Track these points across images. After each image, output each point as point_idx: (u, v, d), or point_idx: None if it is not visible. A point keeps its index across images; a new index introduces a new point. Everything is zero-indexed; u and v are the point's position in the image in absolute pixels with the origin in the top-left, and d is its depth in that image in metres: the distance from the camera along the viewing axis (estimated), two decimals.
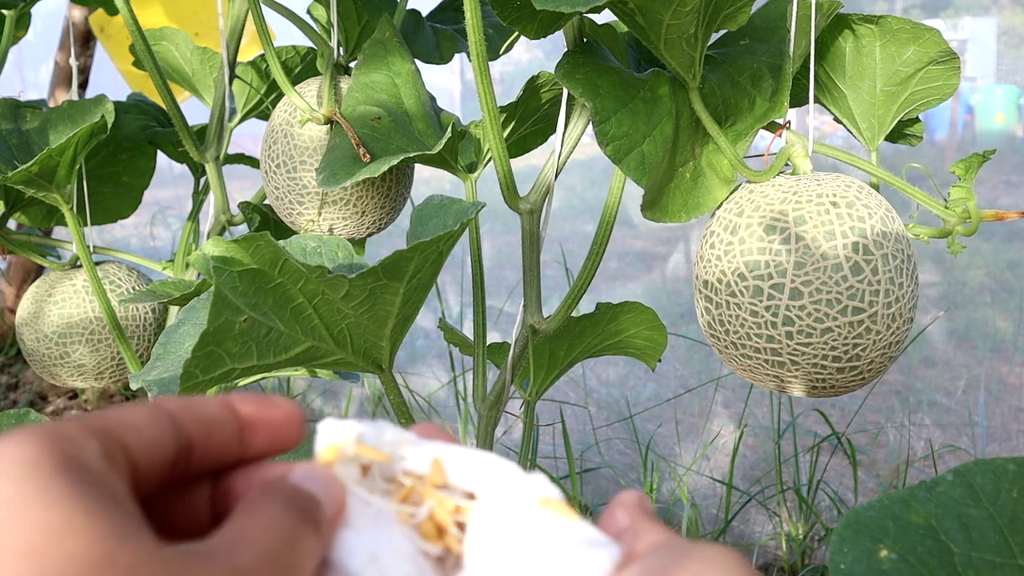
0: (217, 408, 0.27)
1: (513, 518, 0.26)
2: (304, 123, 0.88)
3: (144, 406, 0.25)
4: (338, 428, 0.28)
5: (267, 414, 0.27)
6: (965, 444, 1.71)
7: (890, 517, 0.33)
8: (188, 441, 0.26)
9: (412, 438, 0.29)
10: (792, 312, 0.62)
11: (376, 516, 0.27)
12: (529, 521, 0.26)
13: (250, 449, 0.27)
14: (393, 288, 0.52)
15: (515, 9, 0.64)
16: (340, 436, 0.28)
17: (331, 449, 0.27)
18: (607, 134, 0.62)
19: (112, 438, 0.23)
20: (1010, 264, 2.26)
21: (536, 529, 0.26)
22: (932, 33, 0.69)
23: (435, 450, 0.28)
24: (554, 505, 0.26)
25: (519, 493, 0.27)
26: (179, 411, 0.26)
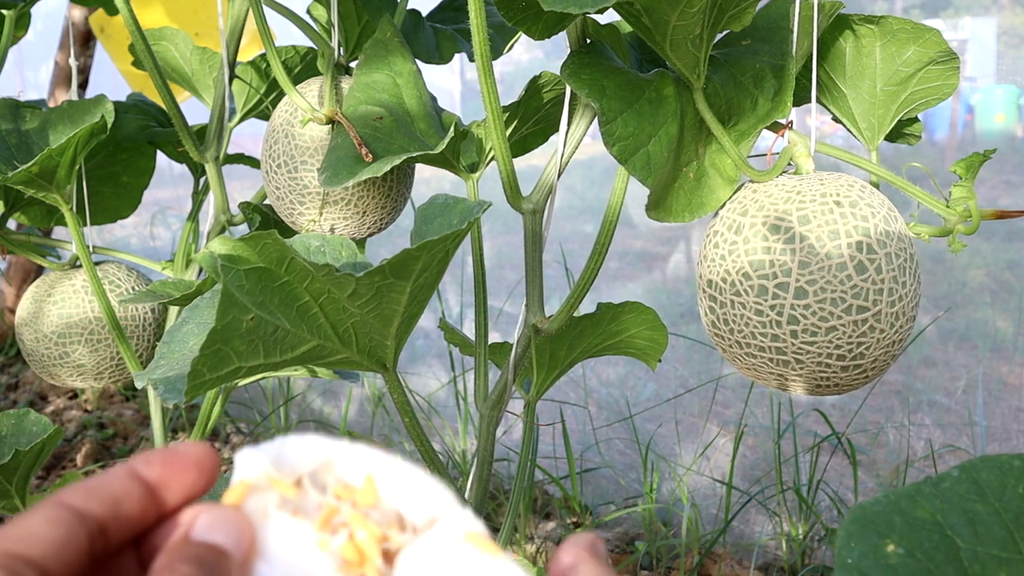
0: (120, 482, 0.27)
1: (436, 549, 0.26)
2: (306, 123, 0.88)
3: (43, 508, 0.25)
4: (252, 459, 0.28)
5: (174, 469, 0.28)
6: (965, 444, 1.71)
7: (896, 512, 0.33)
8: (98, 525, 0.26)
9: (345, 446, 0.29)
10: (797, 311, 0.62)
11: (294, 543, 0.27)
12: (452, 553, 0.26)
13: (167, 505, 0.27)
14: (400, 287, 0.53)
15: (520, 10, 0.64)
16: (253, 469, 0.27)
17: (241, 485, 0.27)
18: (613, 134, 0.62)
19: (15, 558, 0.23)
20: (1010, 264, 2.26)
21: (457, 562, 0.26)
22: (932, 33, 0.69)
23: (369, 461, 0.28)
24: (478, 540, 0.27)
25: (446, 523, 0.27)
26: (81, 501, 0.26)
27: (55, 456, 1.72)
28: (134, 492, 0.27)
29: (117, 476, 0.27)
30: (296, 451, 0.28)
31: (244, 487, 0.27)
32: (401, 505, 0.28)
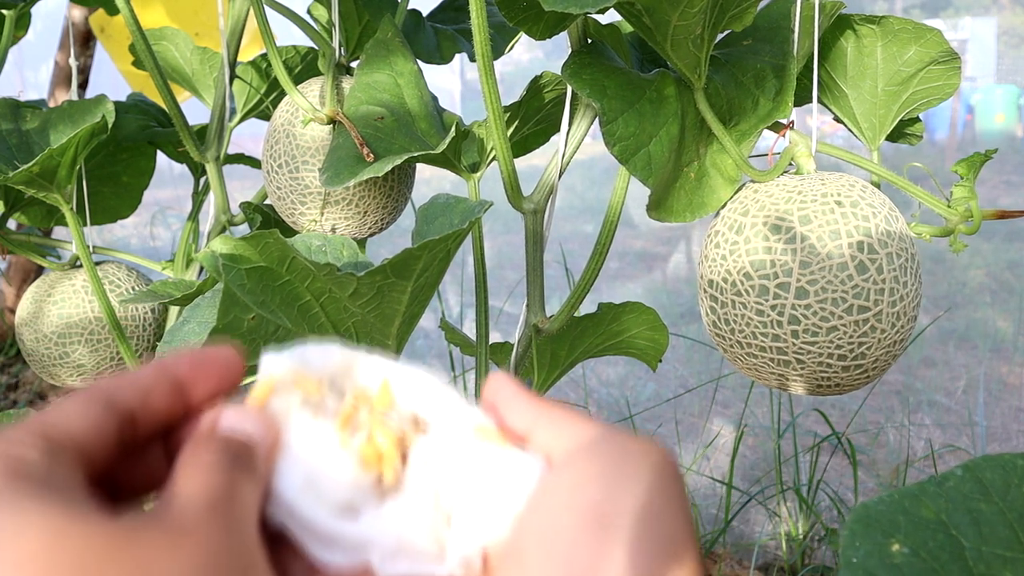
0: (152, 376, 0.28)
1: (450, 444, 0.28)
2: (307, 123, 0.88)
3: (79, 394, 0.26)
4: (277, 360, 0.29)
5: (202, 369, 0.28)
6: (965, 444, 1.71)
7: (900, 512, 0.33)
8: (128, 414, 0.27)
9: (362, 355, 0.30)
10: (798, 311, 0.62)
11: (317, 440, 0.28)
12: (464, 447, 0.28)
13: (194, 402, 0.28)
14: (401, 286, 0.53)
15: (521, 10, 0.64)
16: (278, 367, 0.29)
17: (266, 383, 0.28)
18: (614, 134, 0.62)
19: (52, 436, 0.24)
20: (1010, 264, 2.26)
21: (470, 454, 0.27)
22: (933, 33, 0.69)
23: (385, 368, 0.30)
24: (488, 432, 0.28)
25: (458, 421, 0.28)
26: (113, 389, 0.27)
27: None
28: (163, 386, 0.28)
29: (147, 371, 0.28)
30: (317, 357, 0.29)
31: (269, 385, 0.28)
32: (416, 408, 0.29)
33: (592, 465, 0.26)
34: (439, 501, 0.27)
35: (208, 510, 0.24)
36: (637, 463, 0.26)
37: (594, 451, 0.26)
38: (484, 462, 0.27)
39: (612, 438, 0.27)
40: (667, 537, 0.24)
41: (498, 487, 0.27)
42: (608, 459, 0.26)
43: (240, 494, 0.25)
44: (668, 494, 0.25)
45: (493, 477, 0.27)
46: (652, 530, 0.24)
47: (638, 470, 0.25)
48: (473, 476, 0.27)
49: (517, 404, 0.29)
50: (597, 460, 0.26)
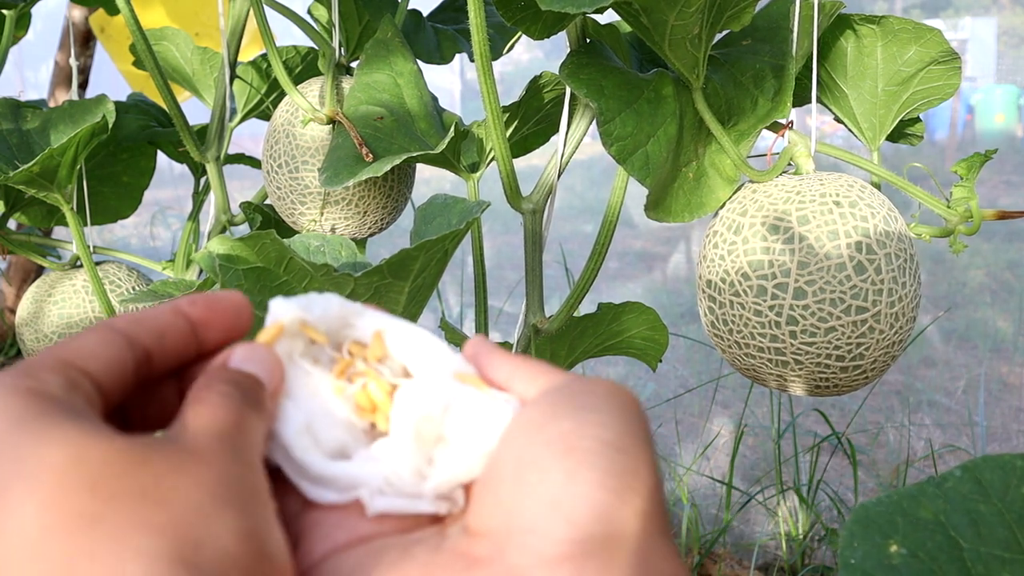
0: (168, 316, 0.29)
1: (432, 388, 0.29)
2: (306, 123, 0.88)
3: (97, 329, 0.28)
4: (285, 306, 0.30)
5: (215, 311, 0.30)
6: (965, 444, 1.71)
7: (899, 512, 0.33)
8: (144, 351, 0.28)
9: (360, 308, 0.32)
10: (796, 312, 0.62)
11: (315, 387, 0.30)
12: (445, 390, 0.29)
13: (206, 344, 0.30)
14: (398, 287, 0.52)
15: (519, 9, 0.64)
16: (286, 313, 0.30)
17: (275, 327, 0.30)
18: (611, 134, 0.62)
19: (71, 366, 0.26)
20: (1010, 264, 2.26)
21: (450, 397, 0.29)
22: (933, 33, 0.69)
23: (379, 321, 0.31)
24: (468, 378, 0.30)
25: (441, 367, 0.30)
26: (130, 327, 0.28)
27: None
28: (178, 326, 0.29)
29: (163, 310, 0.29)
30: (320, 307, 0.31)
31: (278, 328, 0.30)
32: (407, 359, 0.31)
33: (561, 401, 0.27)
34: (421, 441, 0.29)
35: (217, 438, 0.25)
36: (603, 398, 0.27)
37: (563, 390, 0.28)
38: (463, 404, 0.29)
39: (580, 380, 0.29)
40: (630, 469, 0.25)
41: (475, 426, 0.28)
42: (576, 396, 0.27)
43: (247, 426, 0.26)
44: (632, 429, 0.27)
45: (471, 417, 0.29)
46: (616, 461, 0.25)
47: (603, 403, 0.27)
48: (453, 417, 0.29)
49: (497, 359, 0.31)
50: (566, 396, 0.27)
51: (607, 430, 0.26)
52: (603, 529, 0.24)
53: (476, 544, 0.26)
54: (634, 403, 0.28)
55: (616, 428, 0.26)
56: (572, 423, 0.26)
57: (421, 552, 0.26)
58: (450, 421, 0.29)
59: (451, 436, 0.29)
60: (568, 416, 0.26)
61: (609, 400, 0.27)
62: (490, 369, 0.30)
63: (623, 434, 0.26)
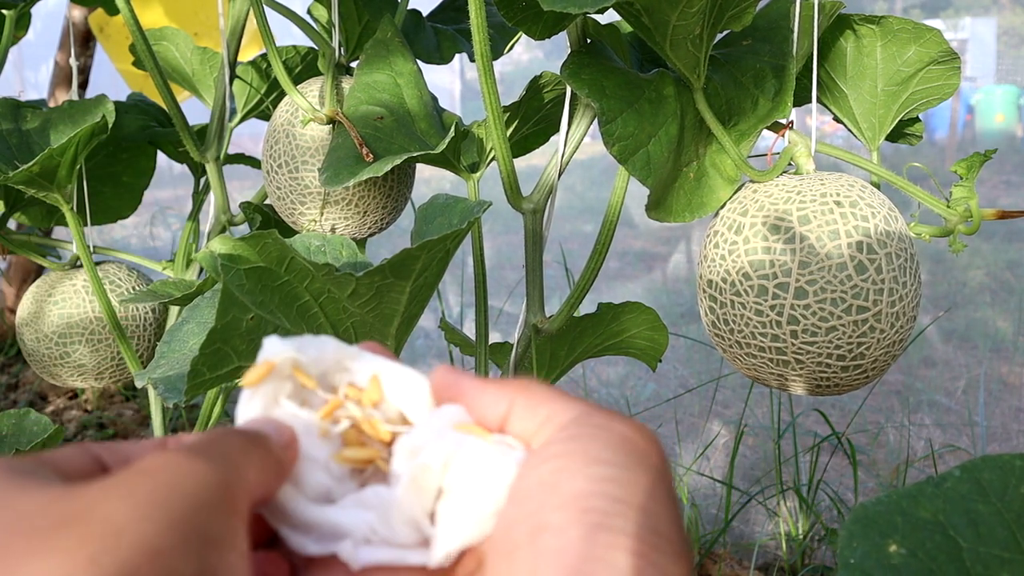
0: None
1: (432, 439, 0.28)
2: (306, 123, 0.88)
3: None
4: (278, 346, 0.30)
5: None
6: (965, 444, 1.71)
7: (898, 512, 0.33)
8: None
9: (355, 351, 0.31)
10: (797, 311, 0.62)
11: (300, 429, 0.29)
12: (446, 440, 0.28)
13: None
14: (399, 287, 0.53)
15: (520, 10, 0.64)
16: (278, 353, 0.29)
17: (264, 366, 0.29)
18: (613, 134, 0.62)
19: None
20: (1010, 264, 2.26)
21: (451, 448, 0.28)
22: (933, 33, 0.69)
23: (375, 365, 0.30)
24: (469, 428, 0.29)
25: (440, 416, 0.29)
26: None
27: None
28: None
29: None
30: (313, 349, 0.30)
31: (268, 367, 0.29)
32: (404, 405, 0.30)
33: (572, 453, 0.25)
34: (420, 492, 0.28)
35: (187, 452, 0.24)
36: (616, 449, 0.25)
37: (573, 434, 0.26)
38: (465, 456, 0.28)
39: (590, 421, 0.26)
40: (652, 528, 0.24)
41: (480, 480, 0.27)
42: (588, 446, 0.25)
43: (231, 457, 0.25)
44: (650, 483, 0.25)
45: (475, 470, 0.27)
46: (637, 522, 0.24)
47: (617, 456, 0.25)
48: (455, 470, 0.28)
49: (490, 392, 0.29)
50: (578, 448, 0.25)
51: (623, 488, 0.24)
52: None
53: None
54: (650, 449, 0.26)
55: (633, 484, 0.24)
56: (585, 482, 0.24)
57: None
58: (452, 475, 0.28)
59: (454, 491, 0.27)
60: (581, 473, 0.25)
61: (622, 450, 0.25)
62: (483, 403, 0.28)
63: (641, 491, 0.24)
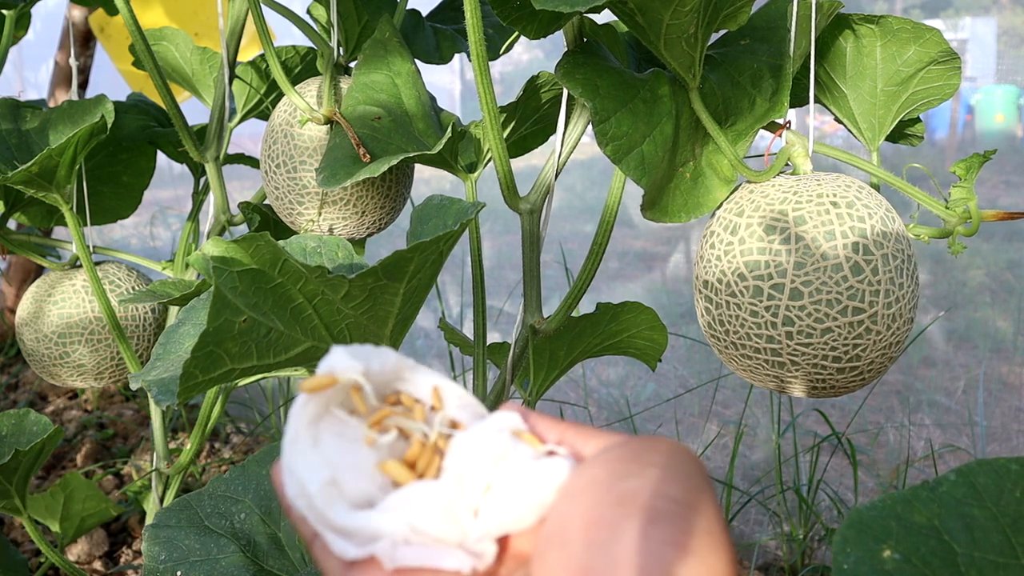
0: None
1: (485, 442, 0.29)
2: (304, 123, 0.88)
3: None
4: (345, 362, 0.30)
5: None
6: (965, 444, 1.71)
7: (893, 517, 0.33)
8: None
9: (413, 364, 0.32)
10: (792, 312, 0.62)
11: (347, 436, 0.30)
12: (500, 444, 0.29)
13: None
14: (393, 288, 0.52)
15: (515, 9, 0.63)
16: (343, 367, 0.30)
17: (328, 378, 0.30)
18: (607, 134, 0.62)
19: None
20: (1010, 264, 2.26)
21: (503, 451, 0.29)
22: (933, 33, 0.69)
23: (434, 378, 0.32)
24: (522, 435, 0.30)
25: (496, 423, 0.30)
26: None
27: (55, 456, 1.72)
28: None
29: None
30: (377, 362, 0.31)
31: (331, 381, 0.30)
32: (459, 415, 0.31)
33: (623, 458, 0.27)
34: (466, 487, 0.28)
35: None
36: (665, 455, 0.27)
37: (623, 448, 0.28)
38: (517, 456, 0.29)
39: (638, 438, 0.28)
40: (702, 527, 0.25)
41: (529, 478, 0.28)
42: (639, 453, 0.27)
43: None
44: (699, 486, 0.26)
45: (525, 469, 0.28)
46: (688, 520, 0.25)
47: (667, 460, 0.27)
48: (505, 468, 0.29)
49: (544, 421, 0.30)
50: (629, 454, 0.27)
51: (675, 488, 0.26)
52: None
53: None
54: (696, 460, 0.27)
55: (684, 486, 0.26)
56: (639, 481, 0.26)
57: None
58: (501, 472, 0.28)
59: (502, 486, 0.28)
60: (635, 474, 0.26)
61: (672, 457, 0.27)
62: (539, 427, 0.30)
63: (692, 492, 0.26)
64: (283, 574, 0.77)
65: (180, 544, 0.77)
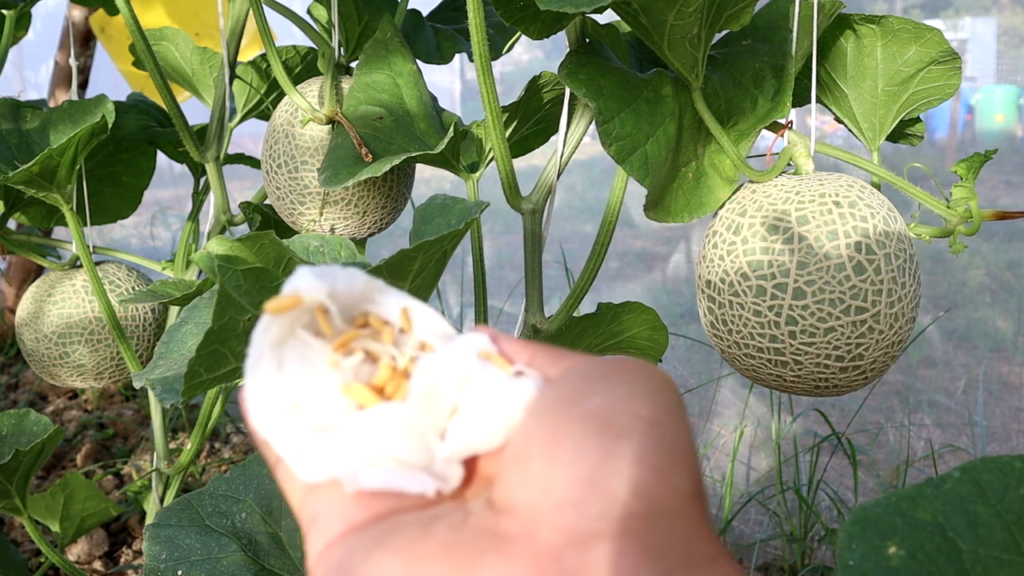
0: None
1: (451, 362, 0.28)
2: (306, 123, 0.88)
3: None
4: (309, 280, 0.29)
5: None
6: (965, 444, 1.71)
7: (897, 514, 0.33)
8: None
9: (382, 285, 0.31)
10: (795, 312, 0.62)
11: (310, 359, 0.29)
12: (468, 366, 0.28)
13: None
14: (397, 287, 0.52)
15: (518, 9, 0.64)
16: (309, 287, 0.29)
17: (292, 298, 0.29)
18: (611, 134, 0.62)
19: None
20: (1010, 264, 2.26)
21: (473, 372, 0.28)
22: (933, 33, 0.69)
23: (403, 300, 0.31)
24: (491, 357, 0.29)
25: (463, 345, 0.29)
26: None
27: (55, 456, 1.72)
28: None
29: None
30: (344, 282, 0.30)
31: (295, 301, 0.29)
32: (428, 337, 0.30)
33: (591, 376, 0.26)
34: (432, 409, 0.28)
35: None
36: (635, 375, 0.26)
37: (592, 367, 0.27)
38: (483, 377, 0.28)
39: (609, 359, 0.27)
40: (668, 445, 0.24)
41: (495, 398, 0.27)
42: (608, 372, 0.26)
43: None
44: (668, 404, 0.26)
45: (491, 390, 0.27)
46: (654, 438, 0.24)
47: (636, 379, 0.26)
48: (471, 389, 0.28)
49: (514, 343, 0.29)
50: (597, 372, 0.26)
51: (643, 405, 0.25)
52: (643, 507, 0.23)
53: (504, 521, 0.24)
54: (667, 380, 0.26)
55: (652, 403, 0.25)
56: (606, 398, 0.25)
57: (443, 529, 0.25)
58: (468, 393, 0.28)
59: (468, 408, 0.28)
60: (602, 392, 0.25)
61: (642, 376, 0.26)
62: (508, 349, 0.29)
63: (660, 409, 0.25)
64: (284, 573, 0.77)
65: (181, 543, 0.77)
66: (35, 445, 0.88)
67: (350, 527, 0.26)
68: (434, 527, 0.25)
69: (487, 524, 0.25)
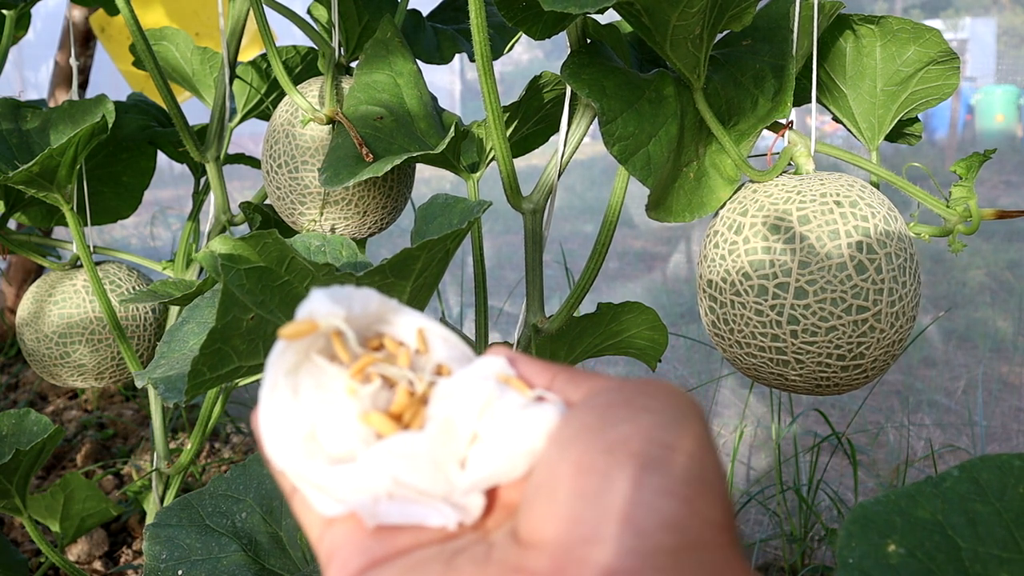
0: None
1: (470, 388, 0.28)
2: (306, 123, 0.88)
3: None
4: (325, 304, 0.28)
5: None
6: (965, 444, 1.71)
7: (897, 512, 0.33)
8: None
9: (397, 305, 0.30)
10: (797, 311, 0.62)
11: (327, 386, 0.28)
12: (487, 391, 0.27)
13: None
14: (400, 286, 0.53)
15: (521, 10, 0.64)
16: (324, 312, 0.28)
17: (307, 324, 0.28)
18: (613, 134, 0.62)
19: None
20: (1010, 264, 2.26)
21: (492, 398, 0.27)
22: (932, 33, 0.69)
23: (419, 320, 0.30)
24: (510, 381, 0.28)
25: (482, 368, 0.28)
26: None
27: (55, 456, 1.72)
28: None
29: None
30: (359, 304, 0.29)
31: (311, 327, 0.28)
32: (445, 359, 0.29)
33: (615, 403, 0.25)
34: (451, 437, 0.27)
35: None
36: (660, 400, 0.25)
37: (616, 391, 0.26)
38: (504, 403, 0.27)
39: (631, 381, 0.27)
40: (697, 475, 0.24)
41: (517, 425, 0.26)
42: (632, 397, 0.25)
43: None
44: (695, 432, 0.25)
45: (512, 416, 0.27)
46: (682, 467, 0.24)
47: (661, 405, 0.25)
48: (492, 416, 0.27)
49: (532, 364, 0.29)
50: (621, 398, 0.26)
51: (669, 433, 0.24)
52: (674, 540, 0.22)
53: (530, 556, 0.23)
54: (693, 405, 0.26)
55: (678, 431, 0.24)
56: (632, 427, 0.24)
57: (466, 564, 0.24)
58: (489, 421, 0.27)
59: (489, 436, 0.27)
60: (627, 419, 0.25)
61: (667, 401, 0.25)
62: (527, 371, 0.28)
63: (687, 437, 0.24)
64: (285, 573, 0.78)
65: (181, 543, 0.77)
66: (35, 445, 0.88)
67: (370, 562, 0.26)
68: (457, 562, 0.24)
69: (513, 560, 0.24)
